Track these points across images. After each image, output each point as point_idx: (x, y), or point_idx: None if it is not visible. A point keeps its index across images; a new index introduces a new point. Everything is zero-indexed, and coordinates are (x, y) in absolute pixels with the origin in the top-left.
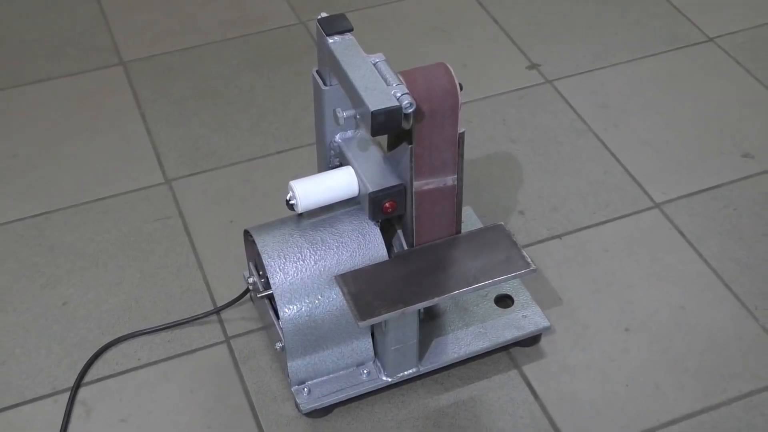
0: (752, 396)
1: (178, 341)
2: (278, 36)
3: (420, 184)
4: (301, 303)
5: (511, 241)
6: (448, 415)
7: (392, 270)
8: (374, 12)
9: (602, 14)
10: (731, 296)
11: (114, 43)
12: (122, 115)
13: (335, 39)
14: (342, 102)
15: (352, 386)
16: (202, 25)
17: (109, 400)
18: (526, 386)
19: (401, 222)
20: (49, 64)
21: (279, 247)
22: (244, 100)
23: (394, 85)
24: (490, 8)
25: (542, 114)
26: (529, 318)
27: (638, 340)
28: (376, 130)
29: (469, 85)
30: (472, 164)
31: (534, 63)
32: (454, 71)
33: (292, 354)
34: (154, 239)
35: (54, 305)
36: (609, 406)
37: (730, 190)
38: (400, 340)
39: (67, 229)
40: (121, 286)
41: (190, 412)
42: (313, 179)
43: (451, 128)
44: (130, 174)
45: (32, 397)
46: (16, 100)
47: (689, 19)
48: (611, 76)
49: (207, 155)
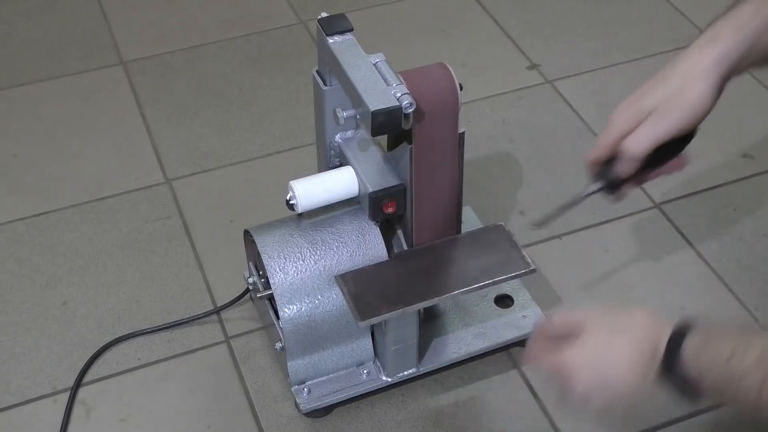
0: None
1: (178, 341)
2: (279, 36)
3: (420, 184)
4: (301, 303)
5: (511, 241)
6: (448, 415)
7: (392, 270)
8: (374, 12)
9: (602, 14)
10: (731, 296)
11: (114, 42)
12: (122, 115)
13: (335, 39)
14: (342, 102)
15: (352, 386)
16: (203, 24)
17: (109, 400)
18: (526, 386)
19: (401, 222)
20: (50, 63)
21: (279, 247)
22: (244, 100)
23: (394, 85)
24: (490, 8)
25: (542, 114)
26: (529, 318)
27: None
28: (376, 130)
29: (469, 85)
30: (472, 164)
31: (534, 63)
32: (454, 71)
33: (292, 354)
34: (154, 239)
35: (54, 305)
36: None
37: (730, 190)
38: (400, 340)
39: (67, 229)
40: (121, 286)
41: (190, 412)
42: (313, 179)
43: (451, 128)
44: (130, 174)
45: (32, 397)
46: (16, 100)
47: (689, 19)
48: (611, 76)
49: (207, 155)
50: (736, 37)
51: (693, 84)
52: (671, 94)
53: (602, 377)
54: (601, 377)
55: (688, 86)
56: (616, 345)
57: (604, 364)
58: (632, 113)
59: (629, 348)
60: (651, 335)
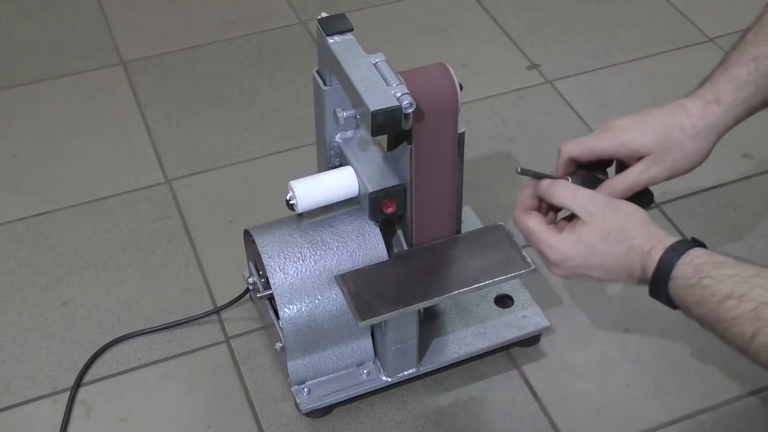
0: (752, 396)
1: (178, 341)
2: (279, 36)
3: (420, 184)
4: (301, 303)
5: (511, 241)
6: (448, 415)
7: (392, 270)
8: (374, 12)
9: (602, 14)
10: None
11: (114, 42)
12: (122, 115)
13: (335, 39)
14: (342, 102)
15: (352, 386)
16: (203, 24)
17: (109, 400)
18: (526, 386)
19: (401, 222)
20: (50, 63)
21: (279, 247)
22: (244, 100)
23: (394, 85)
24: (490, 8)
25: (542, 114)
26: (529, 318)
27: (638, 340)
28: (376, 130)
29: (469, 85)
30: (472, 164)
31: (534, 63)
32: (454, 71)
33: (292, 354)
34: (154, 239)
35: (54, 305)
36: (609, 406)
37: (730, 190)
38: (400, 340)
39: (67, 229)
40: (121, 286)
41: (190, 411)
42: (313, 179)
43: (451, 128)
44: (130, 174)
45: (32, 397)
46: (16, 100)
47: (689, 19)
48: (611, 76)
49: (207, 155)
50: (736, 100)
51: (692, 142)
52: (669, 144)
53: (580, 272)
54: (578, 272)
55: (689, 142)
56: (611, 252)
57: (590, 265)
58: (620, 142)
59: (620, 260)
60: (642, 250)
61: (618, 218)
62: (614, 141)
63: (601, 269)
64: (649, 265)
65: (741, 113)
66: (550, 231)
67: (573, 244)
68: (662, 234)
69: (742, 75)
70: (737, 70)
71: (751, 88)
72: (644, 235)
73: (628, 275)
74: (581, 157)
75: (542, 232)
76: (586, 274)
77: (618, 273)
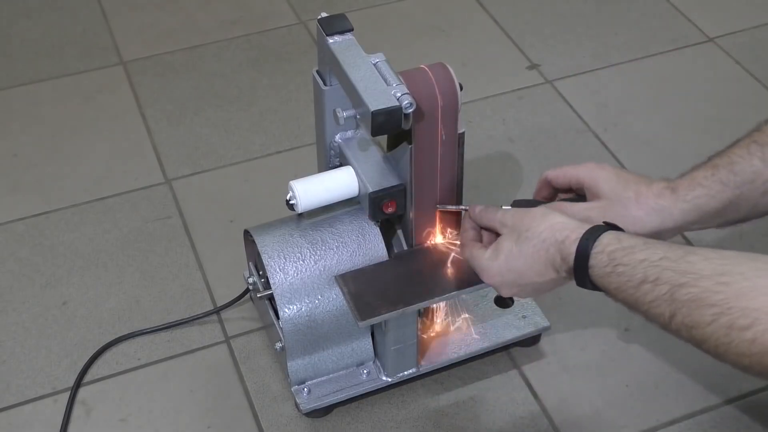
0: (752, 396)
1: (178, 341)
2: (279, 36)
3: (420, 184)
4: (301, 303)
5: None
6: (448, 415)
7: (392, 270)
8: (374, 12)
9: (602, 14)
10: None
11: (114, 42)
12: (122, 115)
13: (335, 39)
14: (342, 102)
15: (352, 386)
16: (203, 24)
17: (109, 400)
18: (526, 386)
19: (401, 222)
20: (50, 63)
21: (279, 247)
22: (244, 100)
23: (394, 85)
24: (490, 8)
25: (542, 114)
26: (529, 318)
27: (638, 340)
28: (376, 130)
29: (469, 85)
30: (472, 164)
31: (534, 63)
32: (454, 71)
33: (292, 354)
34: (154, 239)
35: (54, 305)
36: (609, 406)
37: None
38: (400, 340)
39: (67, 229)
40: (121, 286)
41: (190, 412)
42: (313, 179)
43: (451, 128)
44: (130, 174)
45: (32, 397)
46: (16, 100)
47: (689, 19)
48: (611, 76)
49: (207, 155)
50: (687, 196)
51: (637, 209)
52: (618, 199)
53: (515, 281)
54: (513, 281)
55: (633, 208)
56: (524, 252)
57: (515, 270)
58: (589, 177)
59: (537, 256)
60: (555, 240)
61: (525, 219)
62: (585, 174)
63: (528, 272)
64: (567, 255)
65: (688, 210)
66: (480, 254)
67: (493, 257)
68: (573, 223)
69: (699, 177)
70: (699, 172)
71: (704, 191)
72: (552, 226)
73: (555, 269)
74: (555, 180)
75: (474, 258)
76: (520, 282)
77: (545, 271)
